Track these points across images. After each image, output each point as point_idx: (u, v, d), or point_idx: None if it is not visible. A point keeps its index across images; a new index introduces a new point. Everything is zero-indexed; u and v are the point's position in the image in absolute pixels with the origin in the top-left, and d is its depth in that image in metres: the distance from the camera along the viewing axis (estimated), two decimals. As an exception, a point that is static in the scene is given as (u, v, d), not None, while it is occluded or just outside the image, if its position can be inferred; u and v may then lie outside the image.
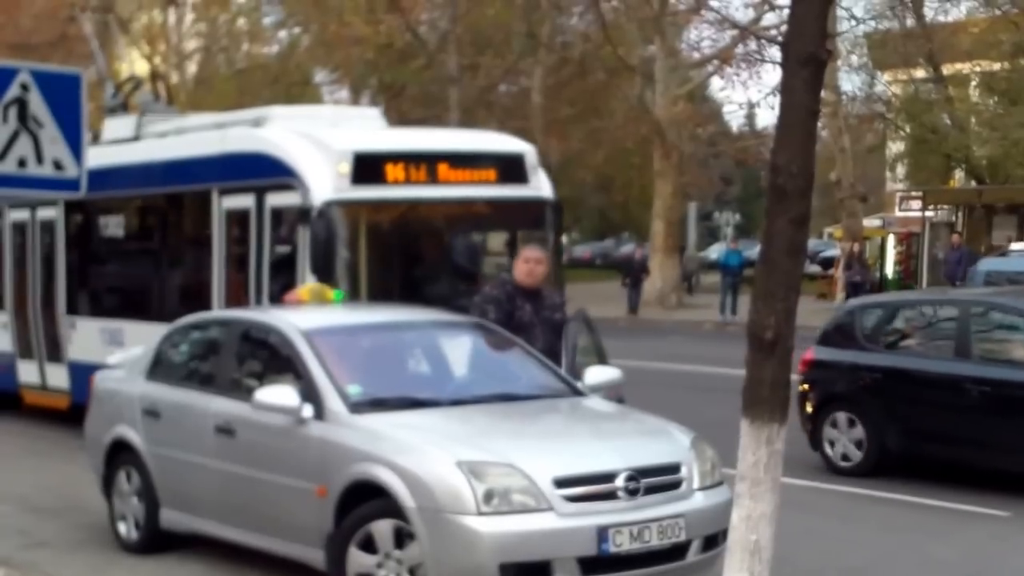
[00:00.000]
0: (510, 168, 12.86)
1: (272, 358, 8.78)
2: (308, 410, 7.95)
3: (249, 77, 44.78)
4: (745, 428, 5.88)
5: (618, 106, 43.61)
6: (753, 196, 60.09)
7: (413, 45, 39.43)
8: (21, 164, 7.78)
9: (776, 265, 5.81)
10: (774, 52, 32.74)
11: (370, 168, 12.14)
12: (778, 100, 5.95)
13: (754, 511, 5.84)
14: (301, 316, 9.14)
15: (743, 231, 55.78)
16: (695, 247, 49.50)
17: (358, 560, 7.46)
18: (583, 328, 9.79)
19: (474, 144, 13.67)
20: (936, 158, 39.11)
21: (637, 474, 7.37)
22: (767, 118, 60.21)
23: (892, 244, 37.37)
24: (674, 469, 7.63)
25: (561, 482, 7.21)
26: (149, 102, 16.74)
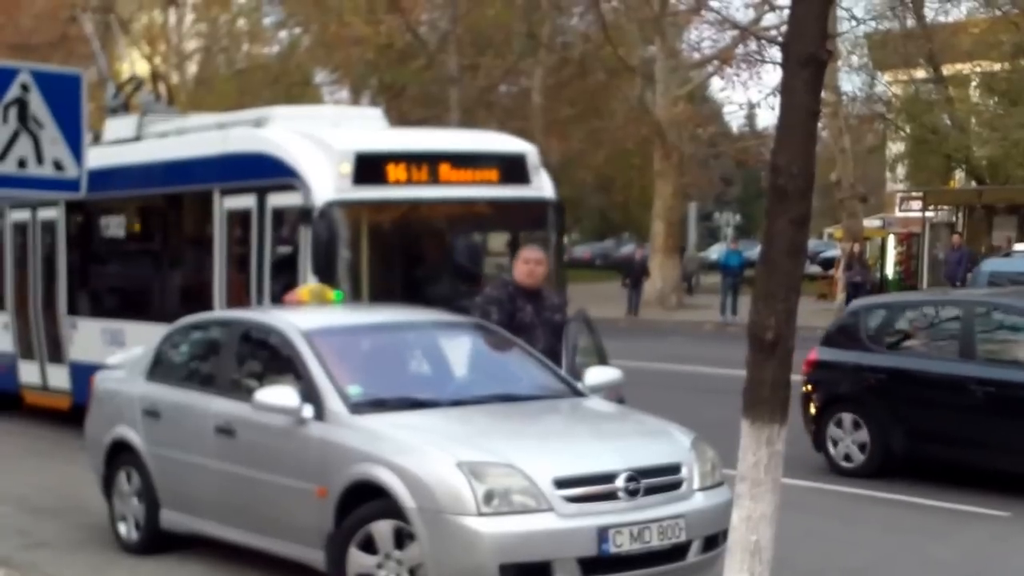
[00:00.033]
0: (512, 168, 12.83)
1: (272, 358, 8.78)
2: (308, 410, 7.96)
3: (249, 77, 44.78)
4: (745, 429, 5.88)
5: (618, 107, 43.63)
6: (753, 197, 60.10)
7: (413, 45, 39.44)
8: (21, 164, 7.77)
9: (777, 266, 5.82)
10: (774, 53, 32.79)
11: (372, 168, 12.12)
12: (778, 101, 5.95)
13: (754, 512, 5.84)
14: (301, 316, 9.13)
15: (743, 232, 55.77)
16: (695, 248, 49.53)
17: (358, 561, 7.46)
18: (583, 329, 9.78)
19: (476, 144, 13.64)
20: (936, 159, 39.11)
21: (637, 474, 7.37)
22: (767, 119, 60.27)
23: (892, 245, 37.36)
24: (674, 470, 7.63)
25: (561, 482, 7.21)
26: (150, 102, 16.72)
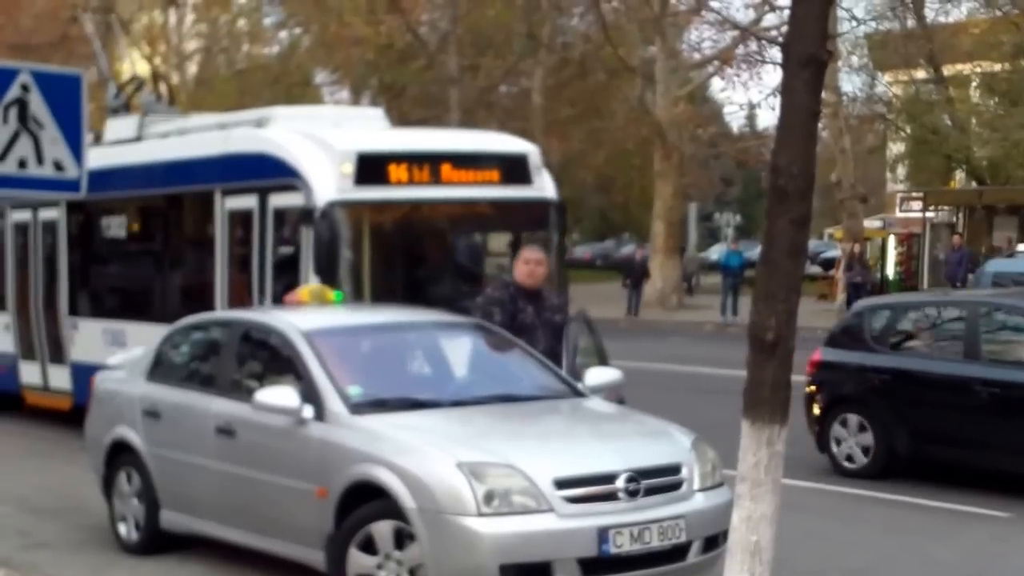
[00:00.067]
0: (514, 168, 12.82)
1: (273, 359, 8.78)
2: (308, 411, 7.96)
3: (250, 78, 44.80)
4: (746, 429, 5.88)
5: (619, 107, 43.64)
6: (754, 197, 60.10)
7: (413, 46, 39.44)
8: (21, 165, 7.77)
9: (777, 266, 5.82)
10: (775, 53, 32.80)
11: (373, 168, 12.11)
12: (779, 101, 5.95)
13: (755, 512, 5.84)
14: (302, 317, 9.13)
15: (744, 232, 55.74)
16: (696, 248, 49.55)
17: (358, 561, 7.46)
18: (584, 329, 9.78)
19: (477, 144, 13.62)
20: (937, 159, 39.14)
21: (637, 475, 7.37)
22: (768, 119, 60.29)
23: (893, 245, 37.35)
24: (675, 470, 7.63)
25: (561, 483, 7.21)
26: (151, 103, 16.70)
